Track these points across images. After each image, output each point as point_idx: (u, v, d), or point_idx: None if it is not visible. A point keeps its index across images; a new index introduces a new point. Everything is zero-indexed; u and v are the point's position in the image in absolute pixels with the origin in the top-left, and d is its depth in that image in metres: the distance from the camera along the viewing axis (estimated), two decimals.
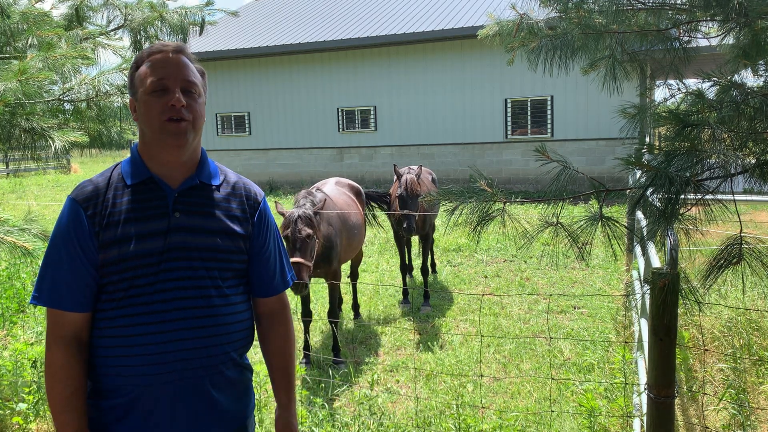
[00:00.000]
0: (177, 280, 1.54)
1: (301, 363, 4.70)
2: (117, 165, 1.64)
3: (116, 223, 1.53)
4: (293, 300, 6.25)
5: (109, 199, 1.55)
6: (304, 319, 4.80)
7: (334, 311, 4.95)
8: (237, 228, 1.66)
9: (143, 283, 1.52)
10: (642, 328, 3.84)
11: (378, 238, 9.60)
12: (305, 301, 4.89)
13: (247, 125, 17.91)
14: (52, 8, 4.23)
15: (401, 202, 5.74)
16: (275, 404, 1.80)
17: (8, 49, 3.74)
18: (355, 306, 5.85)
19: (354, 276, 5.98)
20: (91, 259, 1.52)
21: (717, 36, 3.03)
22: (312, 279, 4.85)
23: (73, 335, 1.52)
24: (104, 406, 1.54)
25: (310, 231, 4.23)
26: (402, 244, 6.49)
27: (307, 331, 4.81)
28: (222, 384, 1.62)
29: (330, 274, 4.86)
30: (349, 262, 5.94)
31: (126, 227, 1.53)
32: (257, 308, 1.78)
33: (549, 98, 14.55)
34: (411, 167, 6.35)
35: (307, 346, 4.79)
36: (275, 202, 4.75)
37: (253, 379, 3.76)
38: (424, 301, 6.14)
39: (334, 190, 5.39)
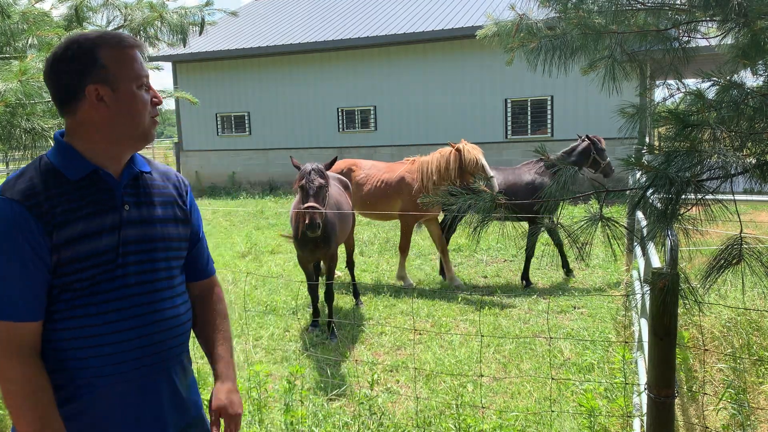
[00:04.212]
0: (137, 274, 1.52)
1: (309, 329, 5.36)
2: (40, 159, 1.50)
3: (67, 222, 1.43)
4: (293, 296, 6.28)
5: (53, 196, 1.43)
6: (309, 283, 5.41)
7: (330, 291, 5.41)
8: (181, 214, 1.66)
9: (104, 279, 1.47)
10: (642, 328, 3.83)
11: (378, 238, 9.60)
12: (316, 270, 5.66)
13: (247, 125, 17.90)
14: (52, 8, 4.22)
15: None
16: (225, 388, 1.72)
17: (8, 49, 3.74)
18: (356, 293, 6.27)
19: (351, 264, 6.48)
20: (45, 262, 1.42)
21: (716, 36, 3.03)
22: (312, 264, 5.49)
23: (30, 345, 1.43)
24: (71, 408, 1.48)
25: (322, 181, 4.85)
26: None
27: (315, 299, 5.45)
28: (181, 373, 1.63)
29: (329, 255, 5.37)
30: (345, 254, 6.54)
31: (78, 225, 1.44)
32: (192, 292, 1.75)
33: (549, 98, 14.56)
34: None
35: (316, 312, 5.42)
36: (290, 156, 5.71)
37: (251, 378, 3.76)
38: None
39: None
